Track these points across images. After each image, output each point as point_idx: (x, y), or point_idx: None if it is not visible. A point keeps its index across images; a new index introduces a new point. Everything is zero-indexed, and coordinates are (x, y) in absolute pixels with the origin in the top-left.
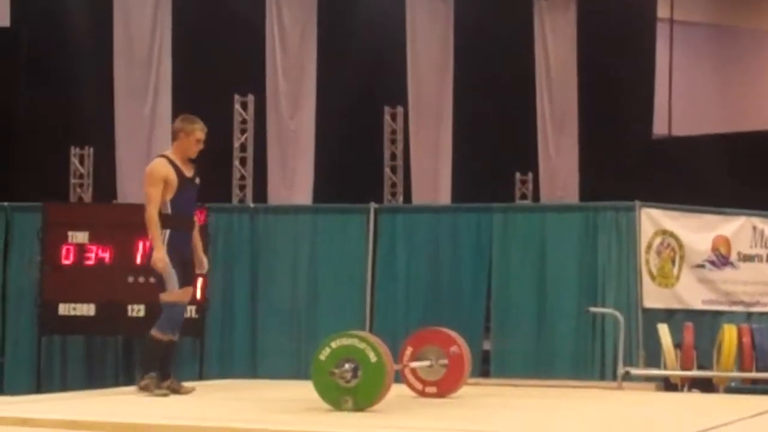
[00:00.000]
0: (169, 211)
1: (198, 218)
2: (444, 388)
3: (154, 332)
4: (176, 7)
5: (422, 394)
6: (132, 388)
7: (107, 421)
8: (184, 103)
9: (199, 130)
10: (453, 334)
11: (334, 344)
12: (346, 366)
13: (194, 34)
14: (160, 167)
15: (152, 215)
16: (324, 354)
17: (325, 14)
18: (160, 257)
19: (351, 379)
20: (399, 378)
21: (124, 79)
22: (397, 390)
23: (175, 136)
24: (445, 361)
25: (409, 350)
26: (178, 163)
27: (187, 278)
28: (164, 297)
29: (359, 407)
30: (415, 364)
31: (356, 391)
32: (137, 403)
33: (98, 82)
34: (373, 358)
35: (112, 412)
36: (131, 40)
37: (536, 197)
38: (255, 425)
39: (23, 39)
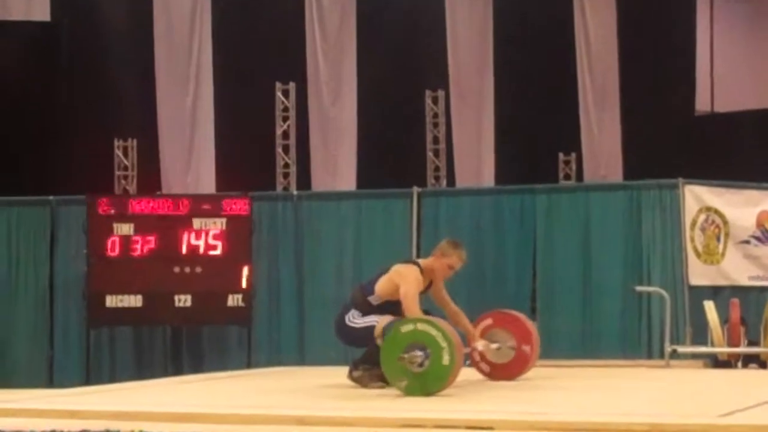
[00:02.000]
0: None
1: (242, 207)
2: (513, 370)
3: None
4: None
5: (490, 376)
6: (179, 378)
7: (156, 411)
8: (225, 92)
9: (459, 261)
10: (521, 317)
11: (404, 329)
12: (417, 352)
13: (234, 22)
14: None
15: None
16: (394, 338)
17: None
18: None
19: (422, 363)
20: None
21: (165, 69)
22: (466, 373)
23: (435, 255)
24: (514, 343)
25: (479, 331)
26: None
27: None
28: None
29: (428, 392)
30: (482, 347)
31: (426, 377)
32: (186, 392)
33: (140, 73)
34: (437, 335)
35: (161, 403)
36: (172, 31)
37: (579, 177)
38: (306, 412)
39: (64, 33)
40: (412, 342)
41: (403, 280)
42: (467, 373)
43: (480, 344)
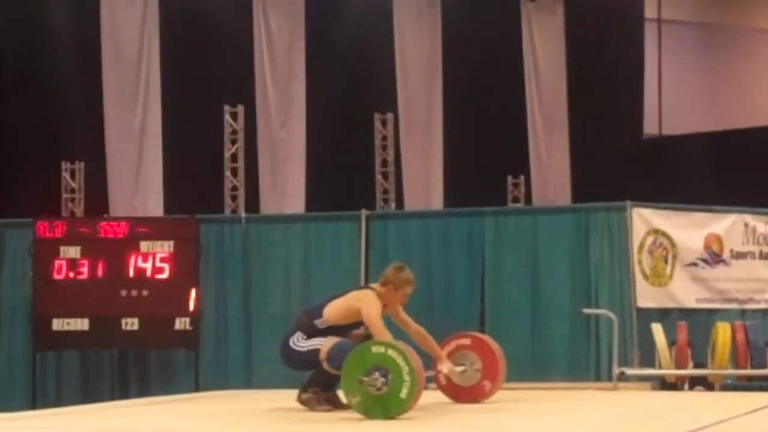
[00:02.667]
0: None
1: (190, 230)
2: (478, 394)
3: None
4: (163, 18)
5: (454, 399)
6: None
7: None
8: (173, 115)
9: (409, 287)
10: (495, 351)
11: (374, 349)
12: (378, 376)
13: (182, 45)
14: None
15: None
16: (362, 356)
17: (313, 23)
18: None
19: (380, 388)
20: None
21: (113, 92)
22: (431, 396)
23: (384, 283)
24: (480, 366)
25: (448, 350)
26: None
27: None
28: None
29: (389, 416)
30: (447, 370)
31: (387, 399)
32: (133, 416)
33: (87, 96)
34: (404, 367)
35: (107, 427)
36: (119, 53)
37: (528, 200)
38: None
39: (9, 54)
40: (378, 364)
41: (363, 303)
42: (430, 395)
43: (445, 367)
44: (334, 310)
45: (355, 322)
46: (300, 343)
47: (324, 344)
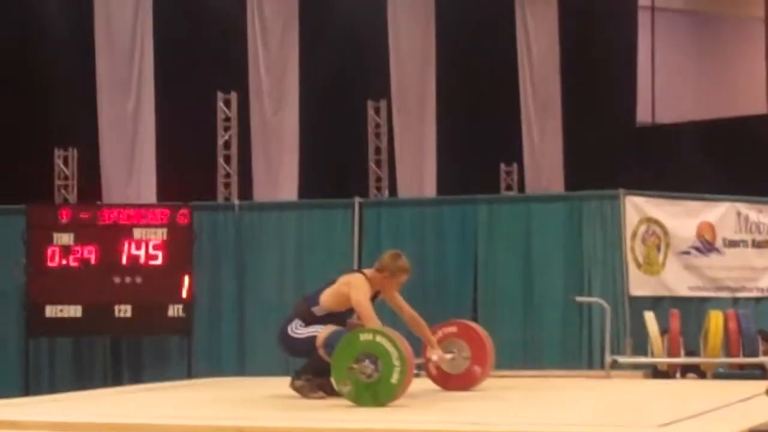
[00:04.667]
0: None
1: (183, 217)
2: (467, 382)
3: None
4: (157, 5)
5: (443, 386)
6: (119, 388)
7: (96, 423)
8: (167, 102)
9: (404, 275)
10: (483, 336)
11: (363, 337)
12: (368, 363)
13: (176, 32)
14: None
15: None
16: (351, 344)
17: (306, 10)
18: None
19: (371, 375)
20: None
21: (107, 79)
22: (421, 384)
23: (380, 269)
24: (469, 354)
25: (438, 337)
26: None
27: None
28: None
29: (380, 402)
30: (437, 358)
31: (377, 386)
32: (126, 403)
33: (81, 82)
34: (393, 353)
35: (101, 413)
36: (113, 40)
37: (521, 188)
38: (246, 422)
39: (2, 40)
40: (367, 351)
41: (352, 288)
42: (420, 382)
43: (435, 354)
44: (328, 297)
45: (350, 308)
46: (298, 330)
47: (321, 332)
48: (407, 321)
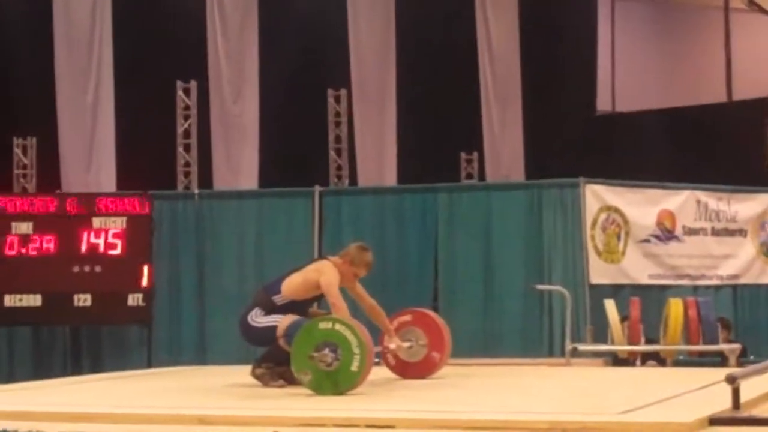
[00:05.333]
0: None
1: (143, 206)
2: (424, 370)
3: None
4: None
5: (401, 374)
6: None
7: (56, 412)
8: (126, 91)
9: (365, 269)
10: (439, 323)
11: (321, 325)
12: (328, 352)
13: (135, 19)
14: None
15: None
16: (310, 333)
17: None
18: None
19: (331, 364)
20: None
21: (65, 67)
22: (379, 372)
23: (344, 256)
24: (426, 342)
25: (394, 325)
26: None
27: None
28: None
29: (340, 391)
30: (395, 346)
31: (337, 374)
32: (86, 392)
33: (39, 70)
34: (353, 341)
35: (60, 403)
36: (72, 28)
37: (481, 176)
38: (207, 411)
39: None
40: (327, 340)
41: (322, 274)
42: (378, 371)
43: (393, 343)
44: (292, 285)
45: (314, 297)
46: (258, 319)
47: (281, 321)
48: (367, 310)
